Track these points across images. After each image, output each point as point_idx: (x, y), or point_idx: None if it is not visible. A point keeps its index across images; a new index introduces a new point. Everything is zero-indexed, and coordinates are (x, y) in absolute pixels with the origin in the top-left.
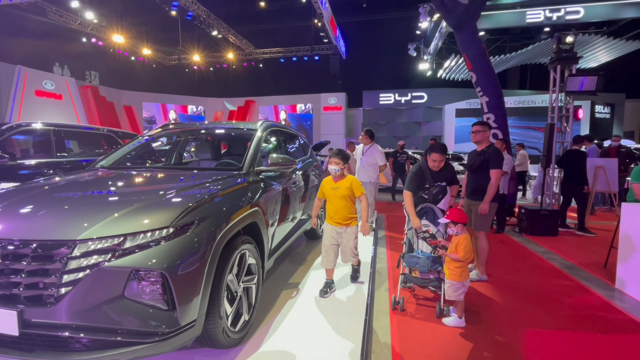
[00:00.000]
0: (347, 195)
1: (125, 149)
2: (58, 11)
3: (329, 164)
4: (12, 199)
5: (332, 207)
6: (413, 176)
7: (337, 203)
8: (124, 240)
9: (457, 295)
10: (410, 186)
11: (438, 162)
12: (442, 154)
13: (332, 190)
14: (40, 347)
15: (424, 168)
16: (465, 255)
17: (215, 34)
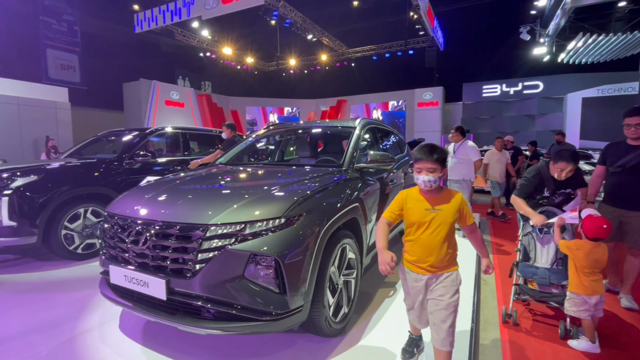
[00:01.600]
0: (451, 223)
1: (238, 147)
2: (182, 32)
3: (418, 172)
4: (156, 190)
5: (422, 242)
6: (528, 182)
7: (432, 236)
8: (244, 227)
9: (578, 312)
10: (522, 193)
11: (565, 173)
12: (573, 163)
13: (424, 214)
14: (180, 312)
15: (544, 174)
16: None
17: (310, 37)
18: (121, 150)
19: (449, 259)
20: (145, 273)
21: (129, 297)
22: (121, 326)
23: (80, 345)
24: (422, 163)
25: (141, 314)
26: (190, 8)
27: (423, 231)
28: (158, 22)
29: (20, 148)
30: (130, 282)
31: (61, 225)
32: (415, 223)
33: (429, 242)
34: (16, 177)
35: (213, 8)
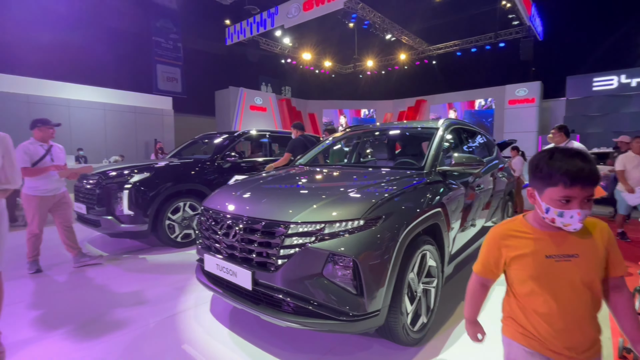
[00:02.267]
0: (597, 275)
1: (317, 149)
2: (267, 41)
3: (564, 203)
4: (243, 188)
5: (549, 312)
6: None
7: (566, 302)
8: (324, 227)
9: None
10: None
11: None
12: None
13: (545, 265)
14: (263, 303)
15: None
16: None
17: (389, 37)
18: (213, 152)
19: (596, 341)
20: (234, 263)
21: (219, 284)
22: (212, 309)
23: (179, 322)
24: (577, 188)
25: (229, 301)
26: (274, 18)
27: (548, 294)
28: (246, 33)
29: (135, 148)
30: (221, 271)
31: (165, 216)
32: (531, 279)
33: (561, 312)
34: (134, 173)
35: (295, 16)
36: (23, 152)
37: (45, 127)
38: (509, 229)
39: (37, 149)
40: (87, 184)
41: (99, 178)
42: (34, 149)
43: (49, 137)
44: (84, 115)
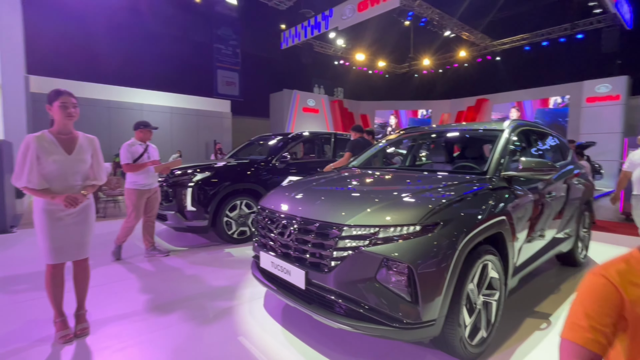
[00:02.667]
0: None
1: (371, 151)
2: (320, 43)
3: None
4: (298, 189)
5: None
6: None
7: None
8: (378, 231)
9: None
10: None
11: None
12: None
13: None
14: (316, 303)
15: None
16: None
17: (447, 34)
18: (268, 153)
19: None
20: (289, 262)
21: (273, 281)
22: (265, 305)
23: (235, 314)
24: None
25: (282, 298)
26: (328, 20)
27: None
28: (300, 37)
29: (196, 149)
30: (275, 268)
31: (223, 214)
32: None
33: None
34: (197, 172)
35: (349, 17)
36: (126, 151)
37: (146, 129)
38: (628, 272)
39: (137, 148)
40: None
41: (166, 177)
42: (135, 148)
43: (147, 138)
44: (154, 118)
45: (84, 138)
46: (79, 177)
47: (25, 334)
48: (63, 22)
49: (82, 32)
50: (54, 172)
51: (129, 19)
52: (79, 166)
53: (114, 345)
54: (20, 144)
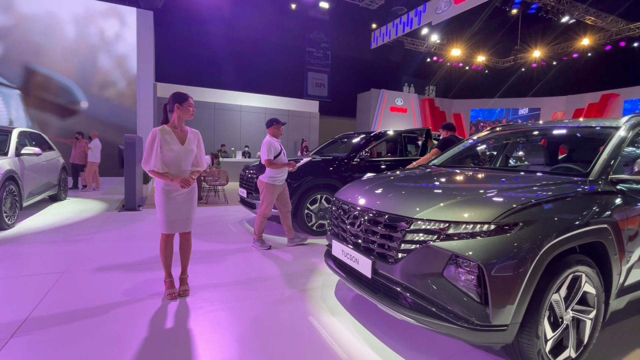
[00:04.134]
0: None
1: (455, 149)
2: (412, 40)
3: None
4: (373, 183)
5: None
6: None
7: None
8: (448, 226)
9: None
10: None
11: None
12: None
13: None
14: (381, 292)
15: None
16: None
17: (565, 20)
18: (350, 150)
19: None
20: (357, 251)
21: (343, 269)
22: (336, 293)
23: (307, 296)
24: None
25: (351, 285)
26: (421, 16)
27: None
28: (391, 35)
29: (286, 147)
30: (345, 257)
31: (305, 206)
32: None
33: None
34: None
35: (444, 11)
36: (267, 148)
37: (279, 125)
38: None
39: (276, 144)
40: (249, 173)
41: (257, 169)
42: (275, 145)
43: (279, 134)
44: (250, 118)
45: (191, 131)
46: (189, 164)
47: (146, 288)
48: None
49: (193, 44)
50: (171, 159)
51: (231, 29)
52: (189, 155)
53: (206, 307)
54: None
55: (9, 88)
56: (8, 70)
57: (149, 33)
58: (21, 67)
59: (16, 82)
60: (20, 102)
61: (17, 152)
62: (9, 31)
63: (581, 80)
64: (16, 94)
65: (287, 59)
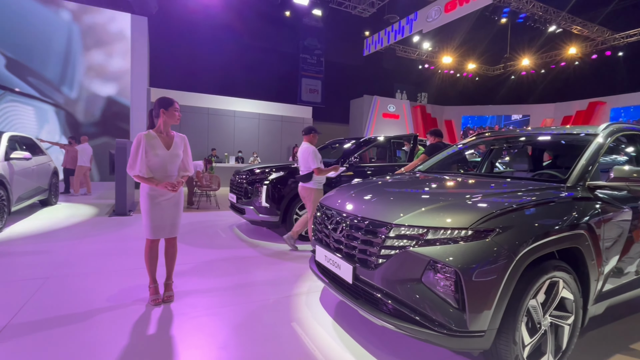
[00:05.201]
0: None
1: (440, 156)
2: (403, 48)
3: None
4: (356, 189)
5: None
6: None
7: None
8: (427, 232)
9: None
10: None
11: None
12: None
13: None
14: (362, 298)
15: None
16: None
17: (552, 29)
18: (340, 156)
19: None
20: (339, 257)
21: (326, 274)
22: (321, 299)
23: (292, 302)
24: None
25: (333, 291)
26: (412, 24)
27: None
28: (383, 42)
29: (279, 152)
30: (328, 262)
31: (294, 211)
32: None
33: None
34: (272, 172)
35: (435, 19)
36: (315, 156)
37: (317, 133)
38: None
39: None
40: (239, 179)
41: (247, 174)
42: (318, 153)
43: (315, 142)
44: (244, 123)
45: (178, 136)
46: (175, 169)
47: (130, 294)
48: (172, 42)
49: (187, 50)
50: (156, 164)
51: (225, 35)
52: (175, 159)
53: (189, 313)
54: None
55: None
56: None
57: (143, 39)
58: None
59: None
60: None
61: (7, 157)
62: None
63: (569, 88)
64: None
65: (281, 65)
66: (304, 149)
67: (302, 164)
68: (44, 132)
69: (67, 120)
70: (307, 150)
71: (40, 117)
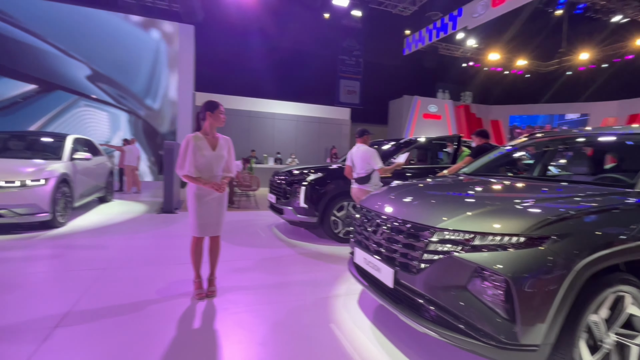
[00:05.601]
0: None
1: (486, 158)
2: (446, 46)
3: None
4: (397, 191)
5: None
6: None
7: None
8: (474, 237)
9: None
10: None
11: None
12: None
13: None
14: (403, 303)
15: None
16: None
17: (617, 19)
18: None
19: None
20: (379, 260)
21: (366, 277)
22: (360, 302)
23: (330, 304)
24: None
25: (372, 294)
26: (456, 21)
27: None
28: (425, 41)
29: (316, 153)
30: (367, 265)
31: (331, 213)
32: None
33: None
34: (311, 173)
35: (481, 15)
36: (377, 155)
37: (370, 135)
38: None
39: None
40: (278, 180)
41: (286, 175)
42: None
43: (369, 143)
44: (283, 125)
45: (222, 138)
46: (220, 169)
47: (176, 287)
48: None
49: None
50: (203, 164)
51: (265, 40)
52: (220, 160)
53: (231, 309)
54: None
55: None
56: None
57: (189, 46)
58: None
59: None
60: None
61: (71, 157)
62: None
63: (636, 83)
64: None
65: (319, 67)
66: (362, 150)
67: (359, 166)
68: (116, 138)
69: (144, 127)
70: (367, 152)
71: (113, 122)
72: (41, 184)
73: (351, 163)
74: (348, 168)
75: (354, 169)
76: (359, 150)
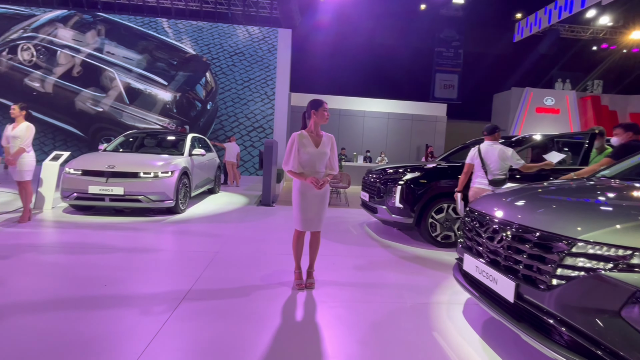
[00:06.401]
0: None
1: (635, 159)
2: (570, 27)
3: None
4: (517, 195)
5: None
6: None
7: None
8: (631, 254)
9: None
10: None
11: None
12: None
13: None
14: (526, 321)
15: None
16: None
17: None
18: None
19: None
20: (496, 270)
21: (476, 287)
22: (465, 312)
23: (431, 311)
24: None
25: (485, 307)
26: None
27: None
28: (542, 24)
29: (408, 151)
30: (480, 274)
31: (429, 215)
32: None
33: None
34: (407, 172)
35: None
36: (515, 152)
37: (500, 131)
38: None
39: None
40: (371, 178)
41: (380, 174)
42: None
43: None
44: (373, 123)
45: (326, 136)
46: (322, 165)
47: (277, 276)
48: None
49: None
50: (306, 161)
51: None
52: (323, 157)
53: (329, 302)
54: (282, 143)
55: None
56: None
57: (287, 49)
58: None
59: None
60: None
61: (190, 153)
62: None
63: None
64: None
65: (412, 61)
66: (497, 149)
67: (495, 166)
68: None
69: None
70: (504, 150)
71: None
72: (168, 176)
73: (477, 162)
74: (469, 167)
75: (488, 170)
76: (492, 148)
